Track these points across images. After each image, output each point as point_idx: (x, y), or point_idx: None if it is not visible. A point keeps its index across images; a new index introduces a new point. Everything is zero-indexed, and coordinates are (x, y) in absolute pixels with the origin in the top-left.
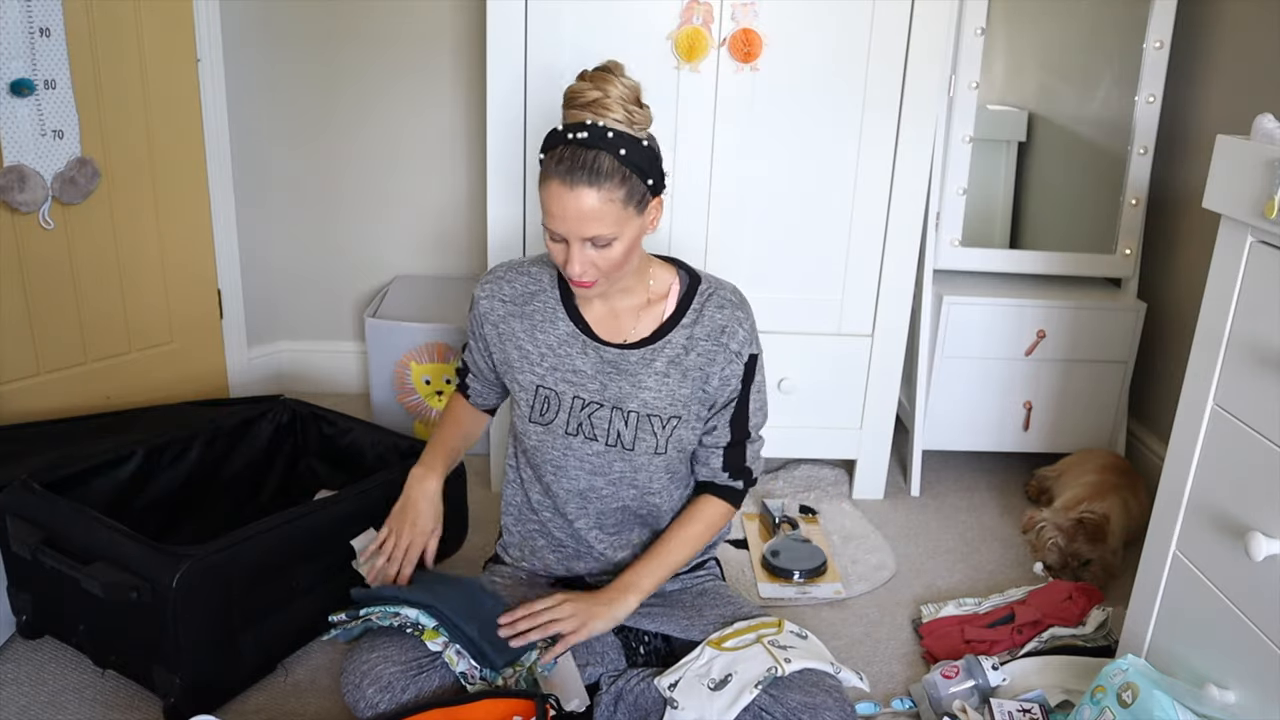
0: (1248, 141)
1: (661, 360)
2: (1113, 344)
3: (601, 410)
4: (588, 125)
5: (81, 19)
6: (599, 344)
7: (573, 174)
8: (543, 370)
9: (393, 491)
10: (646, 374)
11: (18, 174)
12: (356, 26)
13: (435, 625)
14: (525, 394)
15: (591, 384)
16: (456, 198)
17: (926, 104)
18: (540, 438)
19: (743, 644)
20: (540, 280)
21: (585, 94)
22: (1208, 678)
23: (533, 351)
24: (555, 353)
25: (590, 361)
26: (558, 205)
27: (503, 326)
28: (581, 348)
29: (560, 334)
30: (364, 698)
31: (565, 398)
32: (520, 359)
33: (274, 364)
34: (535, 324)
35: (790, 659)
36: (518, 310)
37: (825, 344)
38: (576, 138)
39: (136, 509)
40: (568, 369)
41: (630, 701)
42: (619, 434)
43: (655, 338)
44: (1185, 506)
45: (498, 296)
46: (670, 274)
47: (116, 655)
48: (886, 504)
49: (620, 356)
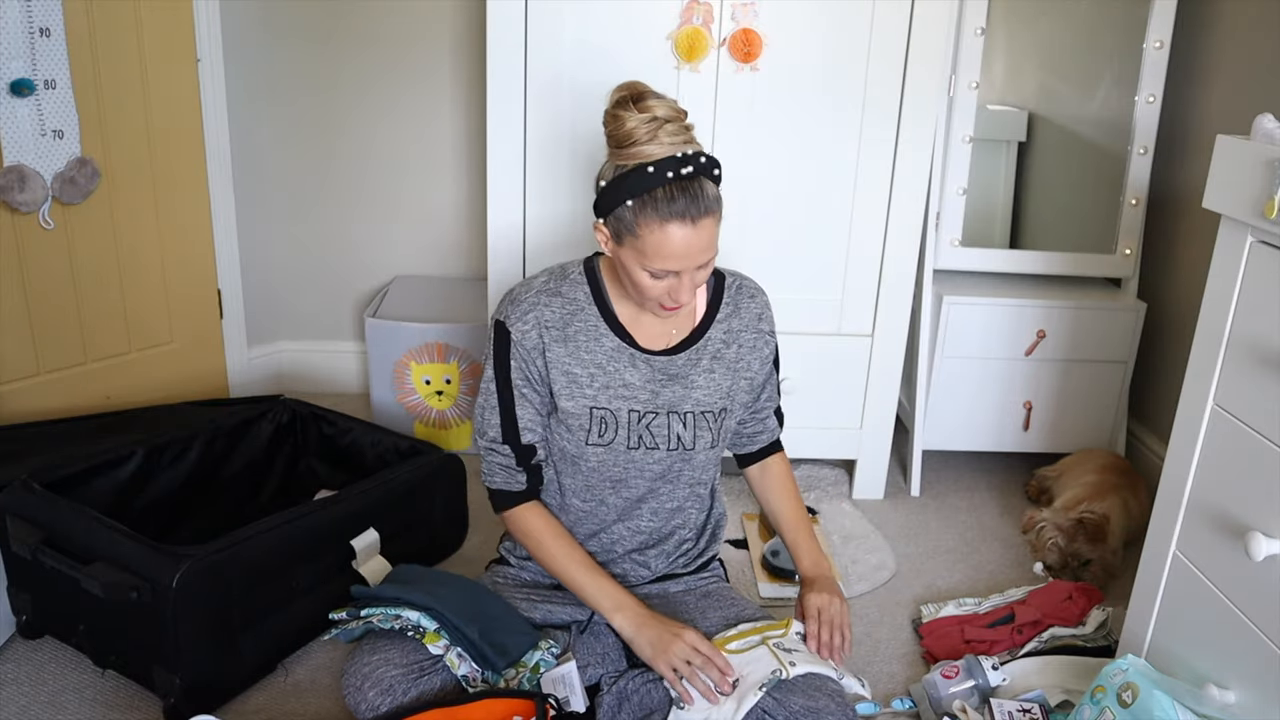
0: (1248, 141)
1: (706, 358)
2: (1113, 344)
3: (659, 418)
4: (689, 158)
5: (81, 19)
6: (647, 354)
7: (693, 208)
8: (594, 391)
9: (393, 491)
10: (696, 373)
11: (18, 174)
12: (356, 26)
13: (436, 628)
14: (578, 419)
15: (643, 394)
16: (457, 198)
17: (926, 104)
18: (602, 458)
19: (747, 645)
20: (575, 299)
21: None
22: (1208, 678)
23: (581, 374)
24: (605, 370)
25: (640, 373)
26: (681, 244)
27: (549, 354)
28: (630, 360)
29: (607, 350)
30: (365, 700)
31: (621, 414)
32: (568, 384)
33: (274, 364)
34: (580, 345)
35: (795, 662)
36: (560, 335)
37: (825, 344)
38: (683, 173)
39: (136, 509)
40: (619, 384)
41: (633, 702)
42: (679, 437)
43: (695, 337)
44: (1185, 506)
45: (541, 324)
46: None
47: (116, 655)
48: (886, 504)
49: (668, 362)
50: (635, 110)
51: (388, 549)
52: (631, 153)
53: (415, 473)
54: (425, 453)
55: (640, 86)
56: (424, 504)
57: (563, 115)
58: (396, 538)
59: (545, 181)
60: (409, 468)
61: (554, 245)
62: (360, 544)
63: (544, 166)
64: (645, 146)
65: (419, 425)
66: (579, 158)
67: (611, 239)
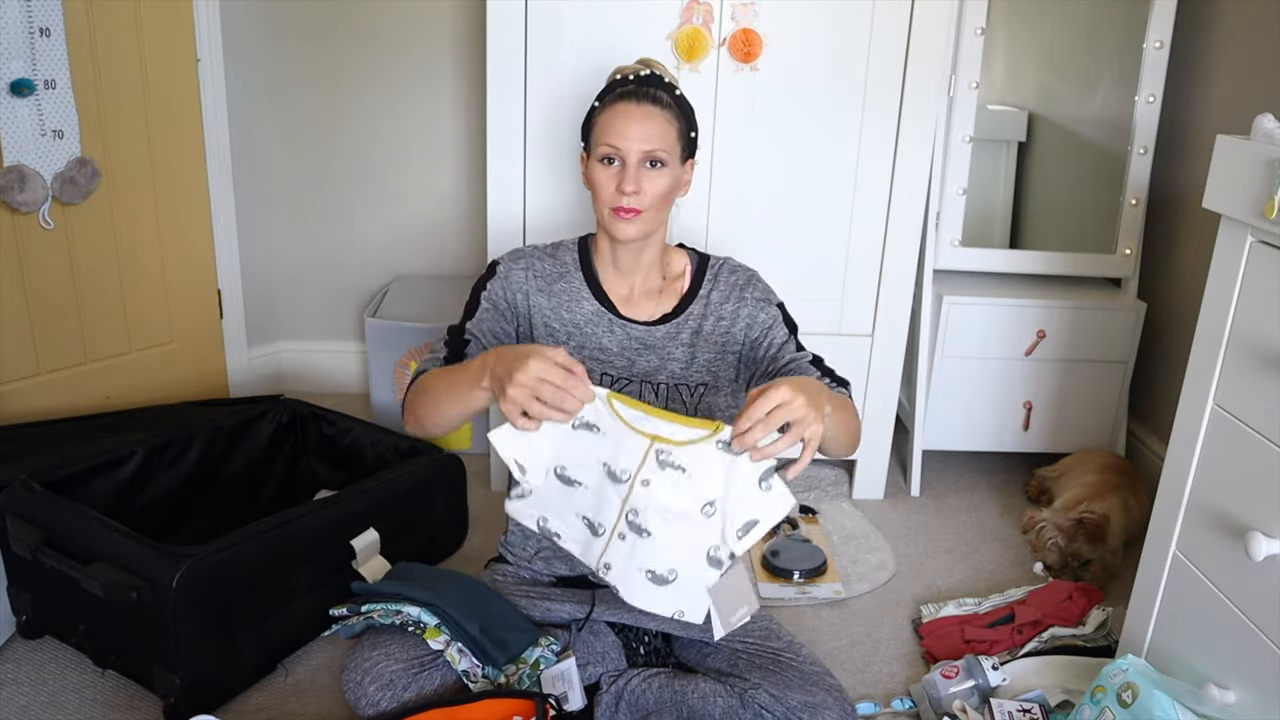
0: (1248, 141)
1: (686, 332)
2: (1113, 344)
3: (630, 385)
4: (648, 73)
5: (81, 19)
6: (625, 321)
7: (640, 94)
8: (570, 349)
9: (393, 491)
10: (673, 346)
11: (18, 174)
12: (357, 26)
13: (437, 623)
14: None
15: (619, 360)
16: (457, 198)
17: (926, 104)
18: None
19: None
20: (565, 263)
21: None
22: (1208, 678)
23: (559, 330)
24: (582, 331)
25: (616, 339)
26: (624, 121)
27: (533, 299)
28: (608, 325)
29: (586, 313)
30: (365, 695)
31: (593, 377)
32: (546, 337)
33: (274, 364)
34: (561, 303)
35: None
36: (545, 287)
37: (825, 344)
38: (640, 75)
39: (136, 509)
40: (595, 347)
41: (631, 701)
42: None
43: (677, 312)
44: (1185, 506)
45: (530, 270)
46: (683, 257)
47: (116, 655)
48: (886, 504)
49: (646, 332)
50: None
51: (388, 549)
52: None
53: (415, 473)
54: (425, 453)
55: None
56: (424, 504)
57: (563, 115)
58: (396, 538)
59: (545, 182)
60: (409, 468)
61: None
62: (360, 544)
63: (544, 167)
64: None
65: None
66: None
67: (585, 158)
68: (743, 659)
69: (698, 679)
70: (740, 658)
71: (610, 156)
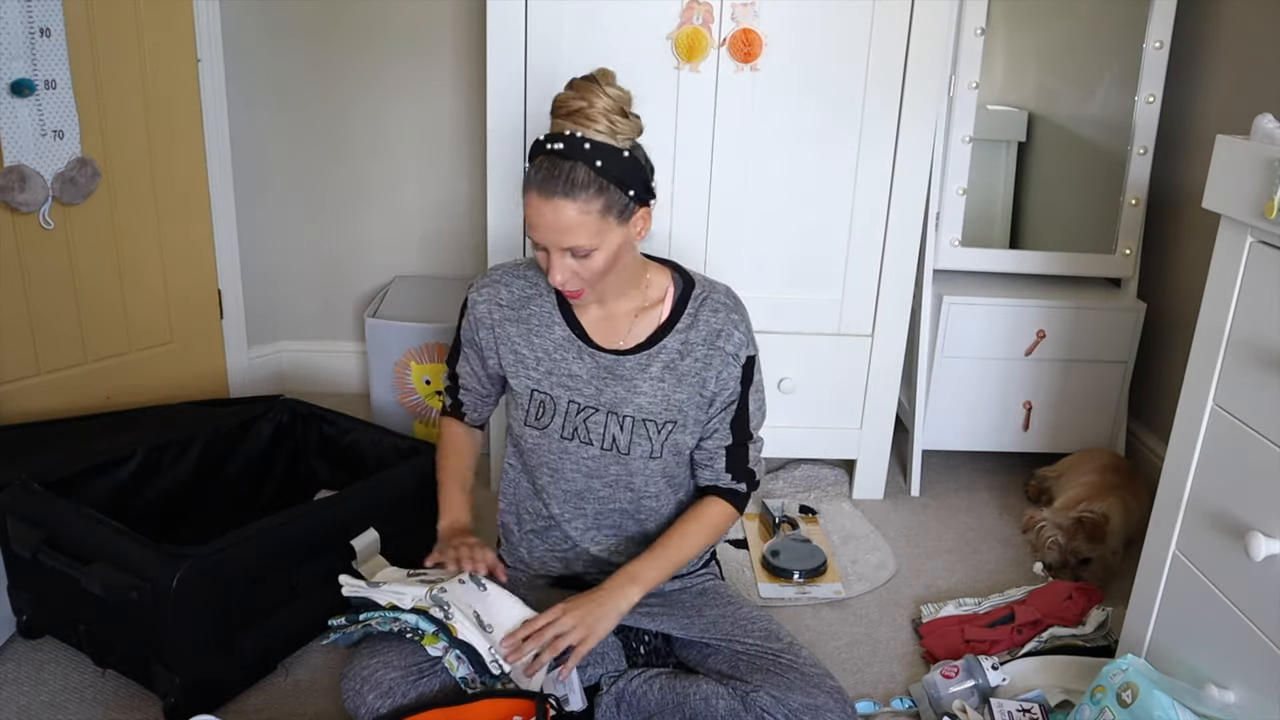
0: (1248, 141)
1: (657, 365)
2: (1113, 344)
3: (597, 415)
4: (565, 136)
5: (81, 19)
6: (594, 349)
7: (549, 185)
8: (538, 375)
9: (393, 491)
10: (642, 379)
11: (18, 174)
12: (357, 26)
13: (435, 630)
14: (522, 398)
15: (587, 389)
16: (456, 198)
17: (926, 104)
18: (536, 441)
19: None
20: (537, 284)
21: (569, 103)
22: (1208, 678)
23: (529, 356)
24: (551, 357)
25: (586, 366)
26: (536, 216)
27: (499, 331)
28: (577, 353)
29: (556, 339)
30: (365, 703)
31: (561, 402)
32: (516, 363)
33: (274, 364)
34: (532, 328)
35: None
36: (514, 315)
37: (825, 344)
38: (554, 148)
39: (136, 509)
40: (564, 373)
41: (632, 703)
42: (614, 438)
43: (650, 343)
44: (1185, 506)
45: (495, 301)
46: (666, 278)
47: (116, 655)
48: (886, 504)
49: (616, 362)
50: (573, 89)
51: (388, 549)
52: (551, 122)
53: (415, 473)
54: (425, 453)
55: (600, 73)
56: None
57: None
58: (396, 538)
59: None
60: (409, 468)
61: None
62: (360, 544)
63: None
64: (555, 119)
65: (419, 425)
66: None
67: None
68: (744, 660)
69: (699, 680)
70: (741, 659)
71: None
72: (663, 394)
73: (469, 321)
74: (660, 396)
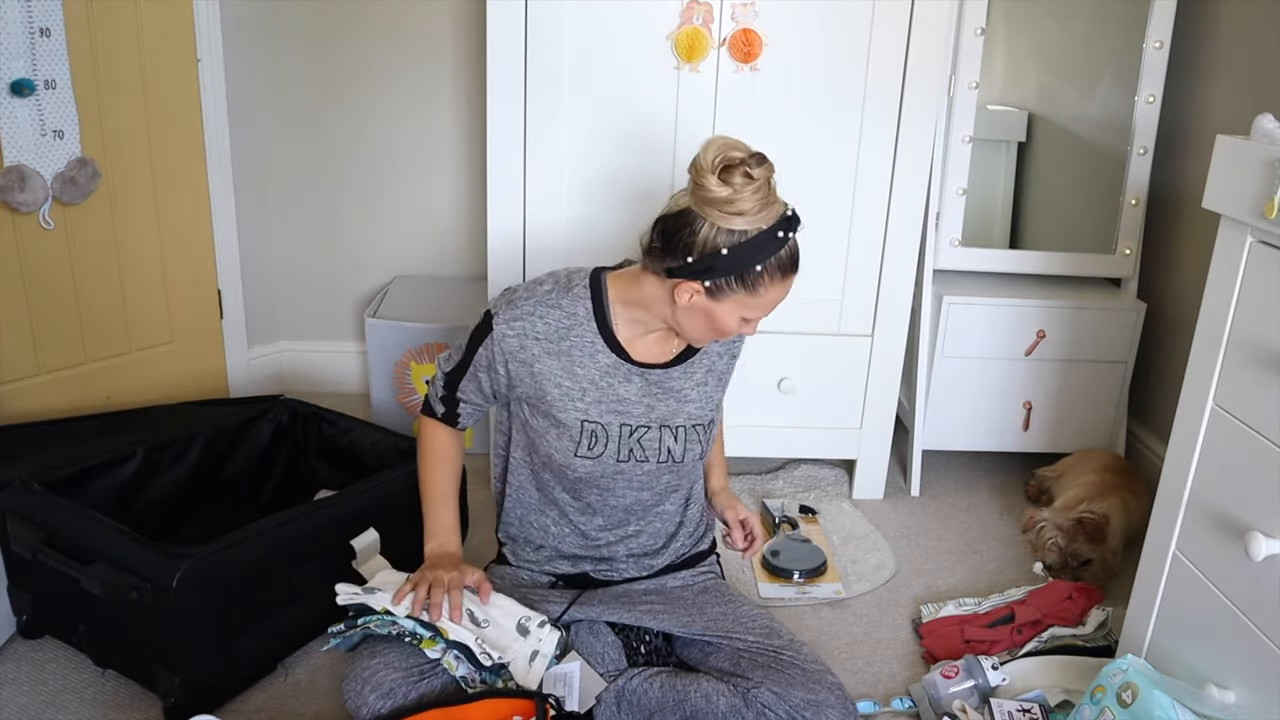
0: (1248, 141)
1: (700, 370)
2: (1113, 344)
3: (650, 432)
4: (794, 215)
5: (81, 19)
6: (643, 368)
7: (798, 259)
8: (586, 404)
9: (393, 491)
10: (690, 387)
11: (18, 174)
12: (357, 26)
13: (432, 635)
14: (569, 430)
15: (637, 409)
16: (456, 197)
17: (926, 104)
18: (589, 469)
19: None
20: (574, 314)
21: (768, 176)
22: (1208, 678)
23: (573, 388)
24: (598, 385)
25: (635, 387)
26: (780, 294)
27: (537, 366)
28: (626, 375)
29: (601, 365)
30: (366, 704)
31: (613, 428)
32: (561, 397)
33: (274, 364)
34: (574, 359)
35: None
36: (553, 348)
37: (825, 344)
38: (794, 234)
39: (136, 509)
40: (612, 399)
41: (633, 702)
42: (669, 450)
43: (691, 351)
44: (1185, 506)
45: (529, 334)
46: None
47: (116, 655)
48: (886, 504)
49: (665, 375)
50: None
51: (388, 549)
52: (744, 219)
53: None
54: None
55: (735, 149)
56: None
57: (562, 115)
58: (396, 538)
59: (545, 181)
60: (409, 468)
61: (554, 245)
62: (360, 544)
63: (544, 166)
64: (759, 214)
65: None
66: (578, 158)
67: (706, 294)
68: (745, 658)
69: (699, 678)
70: (742, 656)
71: (750, 319)
72: (706, 396)
73: (493, 351)
74: (704, 399)
